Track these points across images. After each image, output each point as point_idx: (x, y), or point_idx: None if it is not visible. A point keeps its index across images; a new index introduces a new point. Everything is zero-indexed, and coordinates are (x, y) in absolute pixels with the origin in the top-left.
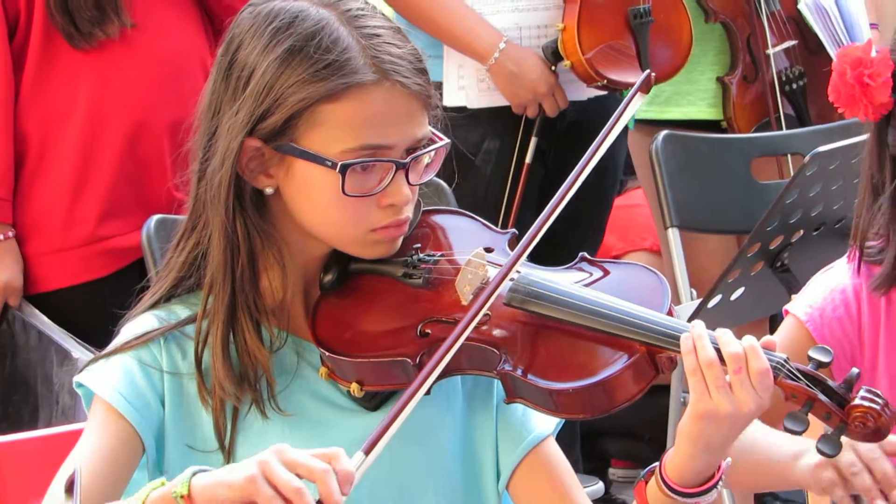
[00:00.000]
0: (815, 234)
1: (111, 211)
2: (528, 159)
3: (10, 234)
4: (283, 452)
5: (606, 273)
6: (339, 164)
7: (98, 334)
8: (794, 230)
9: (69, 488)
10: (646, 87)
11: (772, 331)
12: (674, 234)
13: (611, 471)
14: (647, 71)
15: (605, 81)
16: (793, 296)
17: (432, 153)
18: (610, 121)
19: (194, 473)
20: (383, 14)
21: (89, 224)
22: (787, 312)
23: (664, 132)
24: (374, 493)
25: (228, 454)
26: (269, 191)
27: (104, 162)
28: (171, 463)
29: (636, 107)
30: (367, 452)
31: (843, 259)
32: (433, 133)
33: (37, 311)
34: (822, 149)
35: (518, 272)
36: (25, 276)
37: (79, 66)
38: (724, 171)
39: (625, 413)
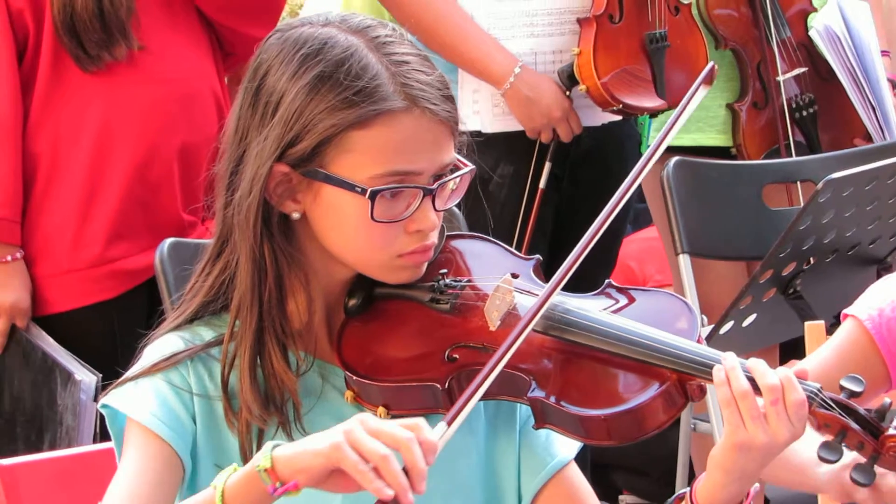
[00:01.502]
0: (827, 261)
1: (119, 233)
2: (541, 184)
3: (18, 255)
4: (367, 422)
5: (633, 300)
6: (369, 190)
7: (105, 355)
8: (806, 257)
9: None
10: (709, 80)
11: (783, 359)
12: (684, 261)
13: (621, 498)
14: (712, 63)
15: (621, 106)
16: (805, 322)
17: (457, 179)
18: (673, 114)
19: (274, 447)
20: (411, 41)
21: (97, 246)
22: (844, 317)
23: (675, 158)
24: None
25: None
26: (295, 216)
27: (113, 184)
28: (201, 483)
29: (699, 99)
30: (450, 423)
31: None
32: (458, 159)
33: (43, 333)
34: (835, 175)
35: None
36: (34, 298)
37: (88, 88)
38: (735, 197)
39: (633, 448)
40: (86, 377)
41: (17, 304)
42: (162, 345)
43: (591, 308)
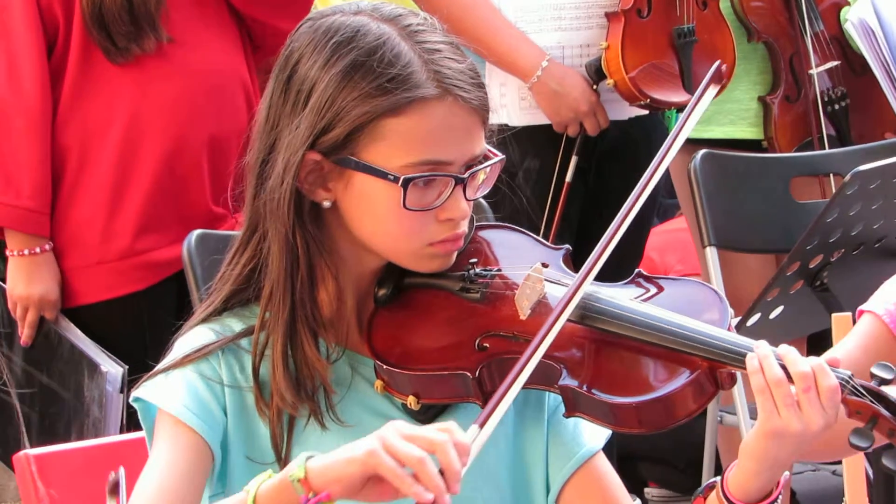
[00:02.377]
0: (854, 253)
1: (148, 225)
2: (568, 178)
3: (48, 247)
4: (401, 428)
5: (663, 289)
6: (402, 178)
7: (134, 347)
8: (833, 249)
9: (113, 489)
10: (717, 78)
11: (810, 351)
12: (712, 253)
13: (647, 490)
14: (718, 62)
15: (649, 101)
16: (833, 314)
17: (487, 169)
18: (683, 115)
19: (308, 458)
20: (442, 30)
21: (126, 238)
22: (861, 313)
23: (702, 151)
24: None
25: (285, 465)
26: (326, 204)
27: (142, 176)
28: (232, 474)
29: (708, 101)
30: (482, 425)
31: None
32: (489, 149)
33: (71, 325)
34: (862, 168)
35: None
36: (63, 290)
37: (117, 80)
38: (762, 190)
39: (660, 439)
40: (112, 368)
41: (45, 295)
42: (192, 337)
43: (622, 297)
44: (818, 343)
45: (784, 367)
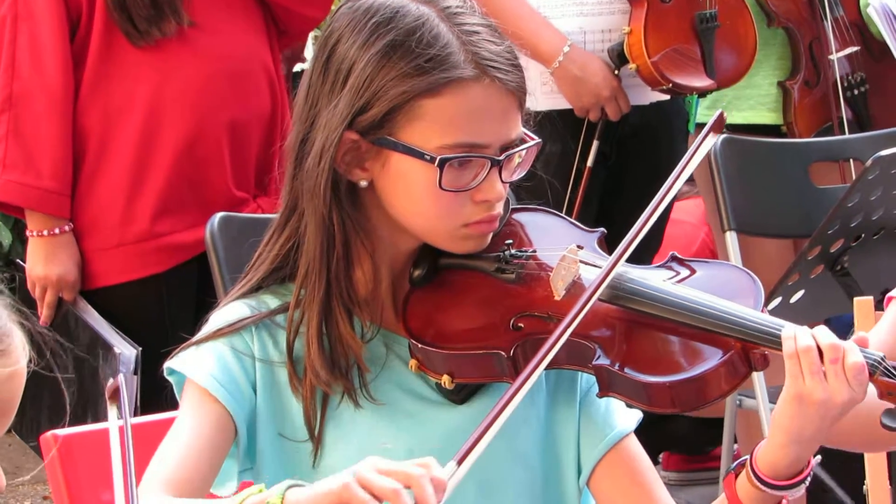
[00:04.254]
0: (875, 237)
1: (168, 208)
2: (589, 163)
3: (67, 228)
4: (378, 463)
5: (696, 272)
6: (438, 158)
7: (154, 329)
8: (854, 234)
9: (113, 395)
10: (718, 127)
11: None
12: (731, 238)
13: (662, 474)
14: (720, 111)
15: (671, 85)
16: (855, 298)
17: (523, 152)
18: (681, 162)
19: (289, 487)
20: (480, 12)
21: (146, 220)
22: (889, 300)
23: (722, 136)
24: (457, 486)
25: (318, 443)
26: (363, 184)
27: (162, 159)
28: (263, 451)
29: (708, 147)
30: (460, 463)
31: None
32: (525, 132)
33: (88, 306)
34: (883, 153)
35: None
36: (83, 271)
37: (138, 63)
38: (782, 175)
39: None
40: (126, 350)
41: (64, 276)
42: (227, 311)
43: (655, 278)
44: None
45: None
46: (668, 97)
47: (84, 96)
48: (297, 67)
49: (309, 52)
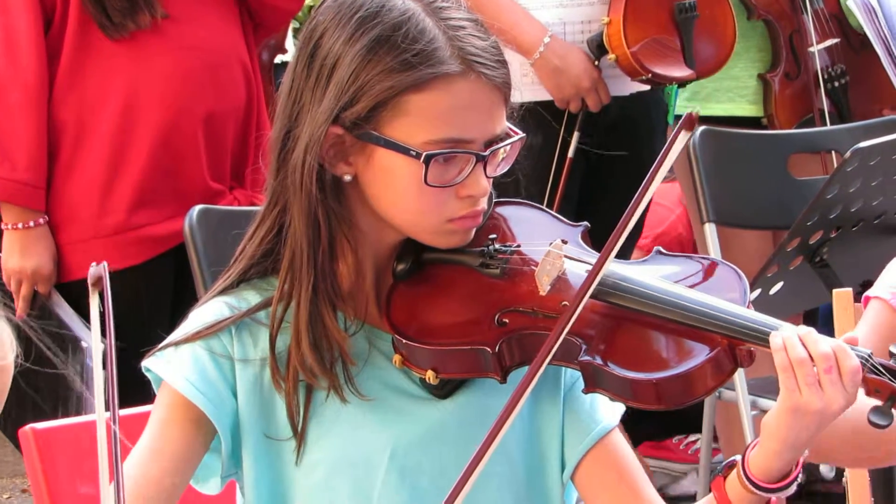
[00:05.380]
0: (854, 229)
1: (144, 200)
2: (570, 154)
3: (42, 221)
4: None
5: (684, 266)
6: (424, 154)
7: (131, 322)
8: (833, 225)
9: (96, 283)
10: (689, 125)
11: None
12: (710, 230)
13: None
14: (689, 110)
15: (650, 75)
16: (833, 290)
17: (507, 147)
18: (655, 164)
19: None
20: (466, 7)
21: (122, 212)
22: (867, 299)
23: (702, 128)
24: (438, 482)
25: (301, 439)
26: (347, 178)
27: (138, 151)
28: (249, 453)
29: (681, 146)
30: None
31: None
32: (509, 127)
33: (61, 299)
34: (862, 145)
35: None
36: (59, 264)
37: (113, 56)
38: (761, 166)
39: None
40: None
41: (38, 269)
42: (207, 310)
43: (642, 273)
44: (812, 320)
45: (805, 348)
46: (647, 88)
47: (59, 89)
48: (279, 59)
49: (290, 43)
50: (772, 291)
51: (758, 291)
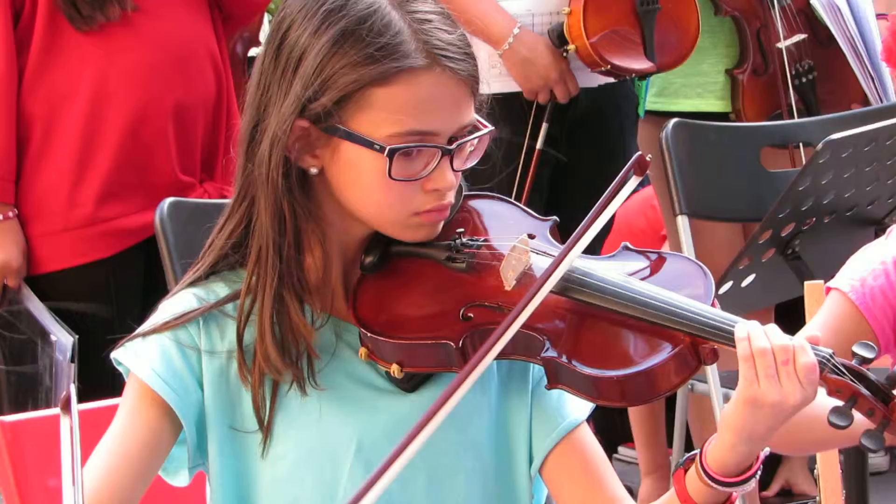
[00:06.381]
0: (826, 221)
1: (114, 192)
2: (538, 145)
3: (11, 214)
4: None
5: (650, 263)
6: (388, 148)
7: (101, 314)
8: (805, 217)
9: (65, 406)
10: (639, 170)
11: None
12: (683, 222)
13: (621, 450)
14: (639, 153)
15: (609, 67)
16: (805, 282)
17: (475, 140)
18: (602, 198)
19: None
20: None
21: (91, 205)
22: (828, 290)
23: (674, 120)
24: (405, 474)
25: (267, 431)
26: (313, 171)
27: (107, 143)
28: (215, 445)
29: (629, 190)
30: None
31: (881, 238)
32: (477, 120)
33: (31, 293)
34: (834, 136)
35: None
36: (29, 257)
37: (83, 48)
38: (733, 159)
39: None
40: (62, 337)
41: (8, 263)
42: (176, 302)
43: (607, 270)
44: (785, 313)
45: (767, 339)
46: (615, 80)
47: (28, 82)
48: (253, 52)
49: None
50: (744, 284)
51: (730, 284)
